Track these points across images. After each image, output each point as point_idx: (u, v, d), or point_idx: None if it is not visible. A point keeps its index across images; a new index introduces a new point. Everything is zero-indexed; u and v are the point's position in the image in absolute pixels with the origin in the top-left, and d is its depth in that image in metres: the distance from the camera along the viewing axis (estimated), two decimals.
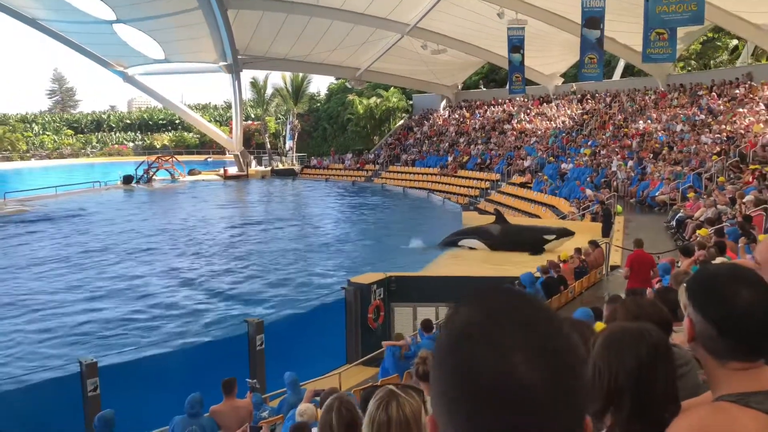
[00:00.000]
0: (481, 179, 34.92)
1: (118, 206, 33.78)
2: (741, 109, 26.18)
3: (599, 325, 3.56)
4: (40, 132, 66.01)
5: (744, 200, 15.31)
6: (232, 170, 46.29)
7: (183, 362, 11.26)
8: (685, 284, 2.83)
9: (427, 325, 9.43)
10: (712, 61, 39.88)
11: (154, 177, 43.09)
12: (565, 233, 17.88)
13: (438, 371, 0.80)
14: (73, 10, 35.98)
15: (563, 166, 29.53)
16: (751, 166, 19.42)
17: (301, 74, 50.87)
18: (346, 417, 2.64)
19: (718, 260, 6.91)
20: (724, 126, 25.12)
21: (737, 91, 28.67)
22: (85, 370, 9.25)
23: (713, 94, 29.81)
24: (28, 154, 60.26)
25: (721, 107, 27.80)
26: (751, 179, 18.04)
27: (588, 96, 37.98)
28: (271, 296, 16.47)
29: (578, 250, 14.52)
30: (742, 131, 23.60)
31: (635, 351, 1.71)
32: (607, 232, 18.42)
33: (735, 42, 38.67)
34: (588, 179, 26.29)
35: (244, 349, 11.32)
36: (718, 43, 39.68)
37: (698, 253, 9.13)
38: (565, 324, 0.81)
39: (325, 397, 4.74)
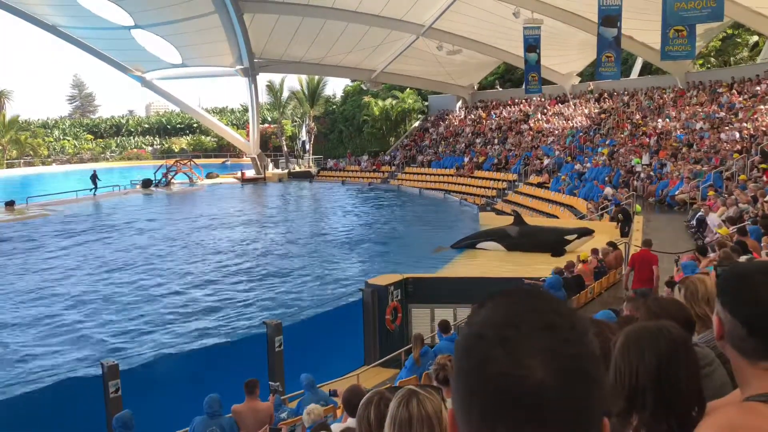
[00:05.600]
0: (498, 180, 34.77)
1: (138, 210, 34.14)
2: (762, 107, 25.81)
3: None
4: (61, 137, 66.94)
5: (766, 199, 15.10)
6: (250, 173, 46.56)
7: (202, 364, 11.33)
8: (678, 286, 2.81)
9: (444, 326, 9.38)
10: (732, 58, 39.37)
11: (172, 181, 43.47)
12: (585, 232, 17.74)
13: (456, 369, 0.81)
14: (92, 16, 36.46)
15: (576, 167, 29.29)
16: None
17: (316, 77, 51.06)
18: (384, 412, 2.64)
19: (743, 258, 6.81)
20: (745, 124, 24.78)
21: (758, 88, 28.27)
22: (107, 372, 9.35)
23: (733, 91, 29.43)
24: (49, 159, 61.13)
25: (742, 104, 27.43)
26: None
27: (605, 95, 37.68)
28: (290, 298, 16.54)
29: (595, 251, 14.42)
30: (764, 128, 23.27)
31: (654, 348, 1.71)
32: (626, 232, 18.26)
33: (755, 38, 38.13)
34: (606, 179, 26.08)
35: (263, 351, 11.37)
36: (738, 40, 39.15)
37: (714, 255, 8.99)
38: (588, 329, 0.79)
39: (348, 394, 4.75)
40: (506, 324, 0.77)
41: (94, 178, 38.37)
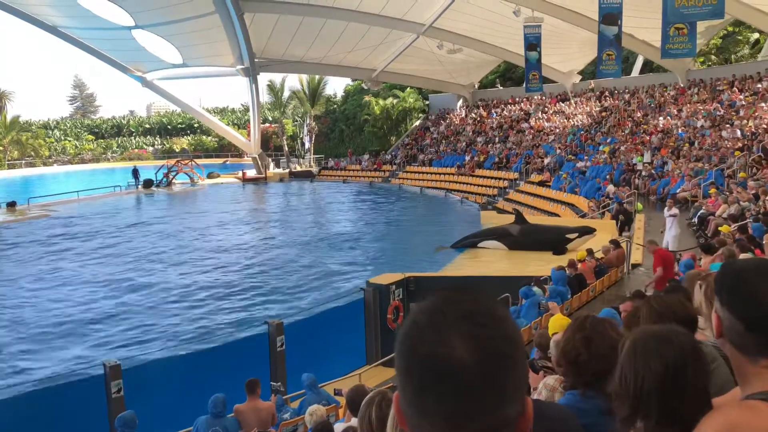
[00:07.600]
0: (499, 178, 34.76)
1: (140, 210, 34.16)
2: (763, 104, 25.78)
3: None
4: (62, 138, 66.95)
5: None
6: (251, 173, 46.57)
7: (204, 364, 11.33)
8: (698, 282, 2.79)
9: None
10: (732, 56, 39.32)
11: (173, 181, 43.47)
12: (586, 231, 17.74)
13: (396, 350, 0.93)
14: (92, 17, 36.48)
15: (579, 164, 29.26)
16: None
17: (317, 76, 51.04)
18: (385, 412, 2.65)
19: (744, 256, 6.81)
20: (746, 121, 24.75)
21: (759, 86, 28.24)
22: (109, 373, 9.36)
23: (734, 89, 29.38)
24: (50, 160, 61.12)
25: (743, 102, 27.39)
26: None
27: (606, 93, 37.65)
28: (291, 297, 16.54)
29: (590, 251, 14.42)
30: (765, 126, 23.24)
31: (662, 355, 1.65)
32: (626, 231, 18.25)
33: (756, 36, 38.08)
34: (607, 177, 26.06)
35: (265, 350, 11.37)
36: (739, 37, 39.11)
37: (717, 254, 8.93)
38: (506, 318, 0.93)
39: (351, 394, 4.76)
40: (436, 312, 0.91)
41: (135, 173, 41.26)
